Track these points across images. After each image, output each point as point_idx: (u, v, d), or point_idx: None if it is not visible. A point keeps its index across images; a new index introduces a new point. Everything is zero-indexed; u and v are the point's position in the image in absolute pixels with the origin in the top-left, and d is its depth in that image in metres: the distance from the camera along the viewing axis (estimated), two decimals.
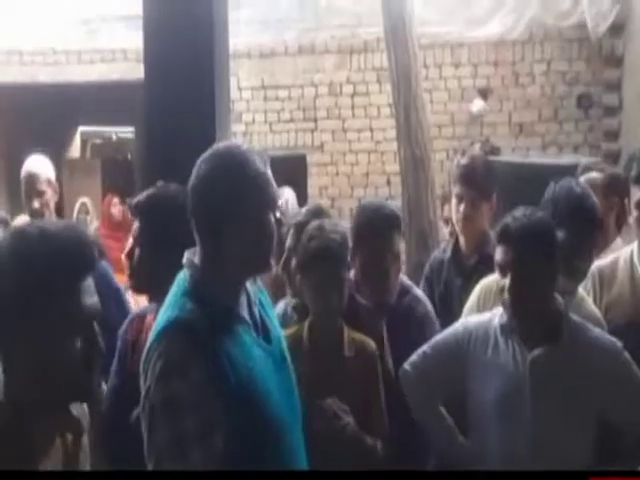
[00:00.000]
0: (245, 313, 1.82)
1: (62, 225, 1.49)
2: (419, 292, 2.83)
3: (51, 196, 3.31)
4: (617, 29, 6.62)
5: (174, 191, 2.33)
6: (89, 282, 1.48)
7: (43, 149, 4.02)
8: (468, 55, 7.14)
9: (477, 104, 7.10)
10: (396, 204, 3.94)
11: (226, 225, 1.75)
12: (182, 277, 1.81)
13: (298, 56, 7.45)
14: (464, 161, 3.20)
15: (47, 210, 3.26)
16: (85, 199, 7.87)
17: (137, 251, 2.36)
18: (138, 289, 2.45)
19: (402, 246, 2.73)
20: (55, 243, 1.42)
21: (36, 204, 3.28)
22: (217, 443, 1.65)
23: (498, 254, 2.27)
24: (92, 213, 7.75)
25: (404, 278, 2.85)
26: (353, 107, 7.40)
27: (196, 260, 1.80)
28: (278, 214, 1.83)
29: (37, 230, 1.44)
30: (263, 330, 1.85)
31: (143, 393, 1.68)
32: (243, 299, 1.83)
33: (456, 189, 3.14)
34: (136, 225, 2.39)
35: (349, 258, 2.78)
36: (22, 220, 3.36)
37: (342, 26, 7.25)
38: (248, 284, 1.87)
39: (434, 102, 7.04)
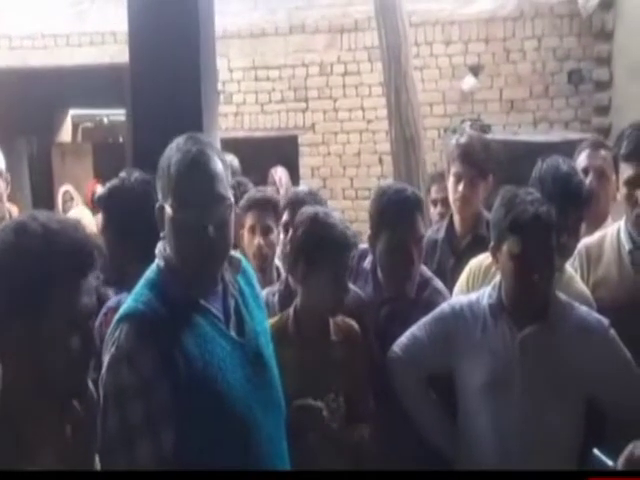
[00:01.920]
0: (216, 305, 1.81)
1: (65, 222, 1.48)
2: (439, 284, 2.72)
3: (3, 188, 3.03)
4: (607, 4, 6.61)
5: (136, 181, 2.30)
6: (89, 280, 1.49)
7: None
8: (459, 32, 7.12)
9: (468, 81, 7.08)
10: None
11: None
12: (152, 267, 1.82)
13: (289, 36, 7.42)
14: (463, 140, 3.13)
15: (0, 204, 3.02)
16: (68, 187, 7.90)
17: (103, 244, 2.36)
18: (108, 281, 2.46)
19: (424, 229, 2.64)
20: (59, 242, 1.42)
21: None
22: (166, 435, 1.67)
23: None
24: (76, 199, 7.77)
25: (424, 269, 2.75)
26: (344, 86, 7.38)
27: (167, 250, 1.79)
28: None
29: (40, 227, 1.43)
30: (237, 323, 1.84)
31: (99, 380, 1.70)
32: (217, 290, 1.83)
33: (454, 168, 3.09)
34: (101, 218, 2.40)
35: (368, 246, 2.69)
36: None
37: (332, 5, 7.23)
38: (228, 274, 1.86)
39: (425, 80, 7.03)
